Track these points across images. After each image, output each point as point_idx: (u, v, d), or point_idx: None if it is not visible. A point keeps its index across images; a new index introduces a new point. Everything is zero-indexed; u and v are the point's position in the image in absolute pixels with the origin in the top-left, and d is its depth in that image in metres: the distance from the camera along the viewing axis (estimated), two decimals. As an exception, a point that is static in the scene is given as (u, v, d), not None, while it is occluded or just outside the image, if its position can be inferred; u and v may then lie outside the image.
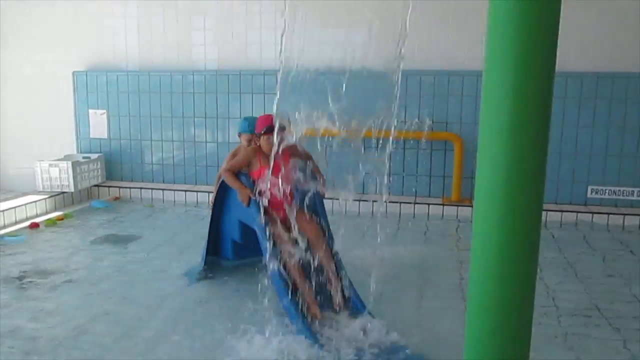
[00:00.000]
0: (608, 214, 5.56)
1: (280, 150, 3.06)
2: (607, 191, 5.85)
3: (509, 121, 1.26)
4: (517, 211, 1.26)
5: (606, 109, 5.69)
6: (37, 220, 5.43)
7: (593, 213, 5.59)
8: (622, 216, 5.52)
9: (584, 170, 5.84)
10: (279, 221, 3.47)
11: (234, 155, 4.10)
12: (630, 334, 3.13)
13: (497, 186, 1.28)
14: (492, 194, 1.28)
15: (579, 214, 5.61)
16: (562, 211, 5.61)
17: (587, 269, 4.21)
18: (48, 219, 5.46)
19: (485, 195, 1.30)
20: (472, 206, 5.20)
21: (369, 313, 3.14)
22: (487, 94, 1.29)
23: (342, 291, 3.24)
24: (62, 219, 5.54)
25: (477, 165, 1.32)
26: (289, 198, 3.51)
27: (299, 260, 3.20)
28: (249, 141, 4.08)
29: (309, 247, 3.30)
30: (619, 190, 5.81)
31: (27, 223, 5.31)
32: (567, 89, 5.64)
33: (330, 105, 3.58)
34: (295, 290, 3.12)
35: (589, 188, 5.87)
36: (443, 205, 5.85)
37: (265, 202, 3.38)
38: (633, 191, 5.77)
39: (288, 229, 3.33)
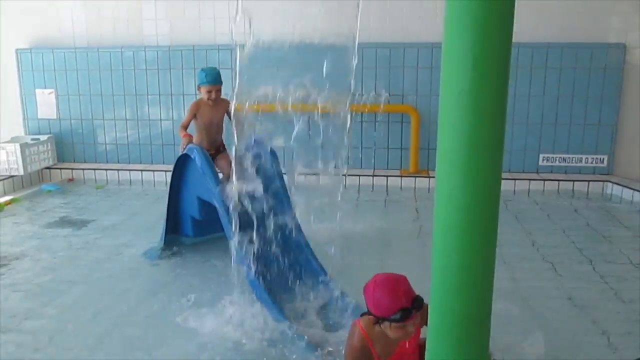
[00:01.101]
0: (558, 180, 5.76)
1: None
2: (557, 159, 6.05)
3: (468, 87, 1.28)
4: (478, 174, 1.29)
5: (556, 79, 5.86)
6: (-14, 205, 5.23)
7: (544, 180, 5.78)
8: (572, 182, 5.74)
9: (536, 139, 6.02)
10: None
11: (193, 108, 4.15)
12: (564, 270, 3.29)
13: (458, 151, 1.30)
14: (453, 158, 1.31)
15: (532, 181, 5.79)
16: (515, 179, 5.78)
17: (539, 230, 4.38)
18: (-4, 204, 5.26)
19: (446, 159, 1.32)
20: (429, 177, 5.34)
21: (331, 281, 3.18)
22: (447, 61, 1.31)
23: None
24: (9, 204, 5.35)
25: (438, 131, 1.34)
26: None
27: None
28: (209, 92, 4.03)
29: None
30: (569, 158, 6.02)
31: (-25, 209, 5.12)
32: (518, 60, 5.76)
33: (287, 79, 3.57)
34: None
35: (541, 156, 6.06)
36: (401, 177, 5.94)
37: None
38: (581, 158, 5.99)
39: None
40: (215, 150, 4.21)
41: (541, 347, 2.64)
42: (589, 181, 5.73)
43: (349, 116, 3.82)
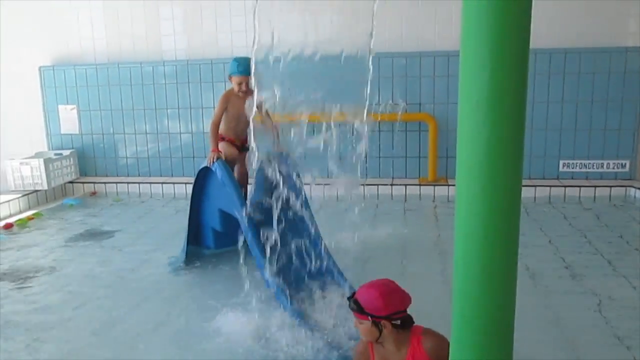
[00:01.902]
0: (579, 186, 5.70)
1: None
2: (577, 164, 5.99)
3: (486, 95, 1.28)
4: (498, 182, 1.29)
5: (574, 85, 5.81)
6: (9, 220, 5.32)
7: (565, 187, 5.72)
8: (593, 188, 5.67)
9: (555, 145, 5.96)
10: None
11: (223, 100, 3.97)
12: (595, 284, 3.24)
13: (478, 159, 1.31)
14: (473, 166, 1.32)
15: (552, 187, 5.73)
16: (535, 186, 5.73)
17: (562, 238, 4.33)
18: (18, 220, 5.34)
19: (466, 168, 1.33)
20: (448, 185, 5.33)
21: (350, 287, 3.19)
22: (465, 70, 1.32)
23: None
24: (32, 219, 5.43)
25: (457, 140, 1.35)
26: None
27: None
28: (240, 84, 3.84)
29: None
30: (589, 164, 5.96)
31: (1, 224, 5.21)
32: (536, 66, 5.73)
33: (305, 90, 3.60)
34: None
35: (561, 162, 6.00)
36: (420, 185, 5.93)
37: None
38: (602, 163, 5.92)
39: None
40: (241, 143, 4.04)
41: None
42: (611, 186, 5.66)
43: (366, 125, 3.85)
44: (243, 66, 3.78)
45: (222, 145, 3.91)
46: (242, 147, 4.04)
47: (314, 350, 2.70)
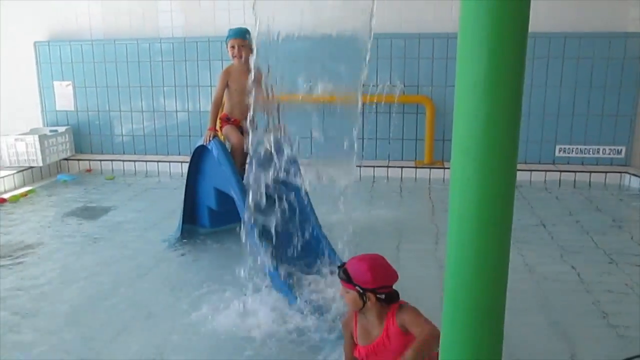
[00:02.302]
0: (575, 171, 5.71)
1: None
2: (574, 150, 5.99)
3: (484, 78, 1.28)
4: (493, 164, 1.29)
5: (573, 70, 5.79)
6: (2, 196, 5.31)
7: (561, 171, 5.74)
8: (589, 174, 5.68)
9: (552, 130, 5.96)
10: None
11: (224, 75, 3.89)
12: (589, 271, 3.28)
13: (473, 141, 1.30)
14: (468, 148, 1.31)
15: (548, 172, 5.75)
16: (531, 170, 5.74)
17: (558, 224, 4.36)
18: (12, 196, 5.32)
19: (462, 150, 1.33)
20: (444, 168, 5.33)
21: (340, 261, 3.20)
22: (462, 52, 1.31)
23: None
24: (25, 195, 5.41)
25: (453, 122, 1.34)
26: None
27: None
28: (233, 47, 3.79)
29: None
30: (586, 149, 5.97)
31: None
32: (535, 50, 5.70)
33: (303, 70, 3.58)
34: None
35: (557, 147, 6.01)
36: (416, 168, 5.93)
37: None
38: (598, 149, 5.93)
39: None
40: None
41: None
42: (606, 172, 5.67)
43: (361, 107, 3.83)
44: (236, 29, 3.79)
45: (227, 130, 3.85)
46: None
47: (306, 329, 2.72)
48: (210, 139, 3.70)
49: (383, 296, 2.15)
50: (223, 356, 2.58)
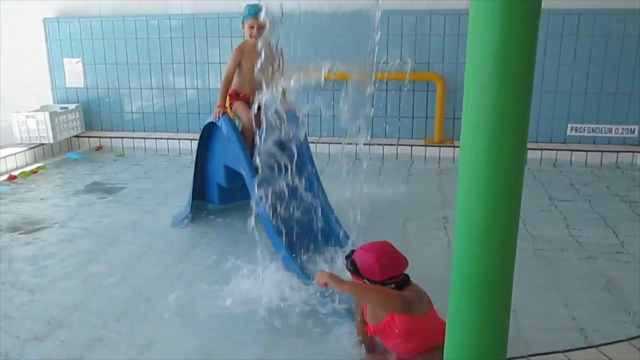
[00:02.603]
0: (586, 151, 5.66)
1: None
2: (586, 129, 5.93)
3: (495, 53, 1.26)
4: (503, 139, 1.29)
5: (587, 47, 5.70)
6: (14, 172, 5.35)
7: (572, 150, 5.68)
8: (600, 153, 5.62)
9: (564, 109, 5.90)
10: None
11: (237, 52, 3.82)
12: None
13: (483, 116, 1.30)
14: (478, 123, 1.30)
15: (559, 151, 5.69)
16: (542, 149, 5.69)
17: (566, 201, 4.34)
18: (22, 172, 5.36)
19: (471, 124, 1.32)
20: (454, 146, 5.29)
21: (346, 235, 3.22)
22: (474, 27, 1.29)
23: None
24: (35, 172, 5.45)
25: (464, 96, 1.33)
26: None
27: None
28: (252, 28, 3.70)
29: None
30: (598, 128, 5.90)
31: (5, 176, 5.24)
32: (548, 27, 5.61)
33: (311, 47, 3.55)
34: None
35: (569, 126, 5.95)
36: (425, 146, 5.90)
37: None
38: (611, 128, 5.87)
39: None
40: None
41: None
42: (618, 152, 5.61)
43: (372, 84, 3.80)
44: (255, 8, 3.68)
45: (237, 106, 3.80)
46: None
47: (316, 304, 2.75)
48: (220, 115, 3.70)
49: (393, 285, 2.13)
50: (231, 328, 2.62)
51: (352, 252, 2.23)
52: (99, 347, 2.52)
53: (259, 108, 3.53)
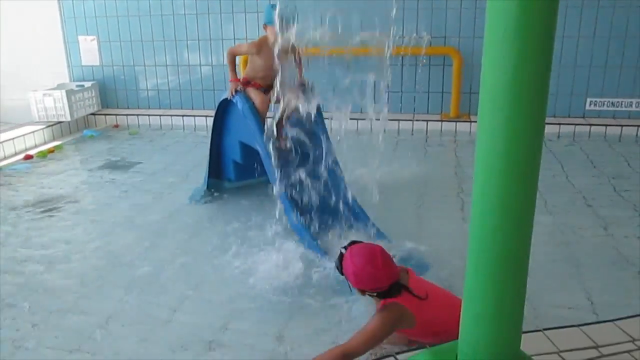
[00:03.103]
0: (605, 125, 5.57)
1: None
2: (605, 103, 5.83)
3: (514, 24, 1.24)
4: (521, 113, 1.27)
5: (608, 19, 5.56)
6: (30, 152, 5.41)
7: (591, 125, 5.60)
8: (620, 127, 5.54)
9: (584, 82, 5.79)
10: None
11: (255, 46, 3.73)
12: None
13: (501, 90, 1.28)
14: (496, 97, 1.29)
15: (577, 126, 5.62)
16: (560, 124, 5.62)
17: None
18: (39, 152, 5.41)
19: (489, 99, 1.30)
20: (470, 121, 5.23)
21: (373, 224, 3.23)
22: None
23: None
24: (52, 151, 5.50)
25: (482, 70, 1.32)
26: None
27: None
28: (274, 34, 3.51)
29: None
30: (618, 102, 5.80)
31: (22, 155, 5.29)
32: (568, -2, 5.48)
33: (327, 21, 3.52)
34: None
35: (588, 100, 5.85)
36: (442, 121, 5.86)
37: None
38: (631, 102, 5.76)
39: None
40: (267, 87, 3.80)
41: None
42: (638, 126, 5.52)
43: (388, 59, 3.76)
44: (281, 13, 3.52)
45: (250, 91, 3.74)
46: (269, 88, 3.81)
47: (334, 281, 2.77)
48: (235, 92, 3.70)
49: (374, 294, 2.11)
50: (246, 303, 2.66)
51: (347, 247, 2.17)
52: (115, 321, 2.58)
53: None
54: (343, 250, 2.15)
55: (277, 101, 3.40)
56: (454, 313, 1.81)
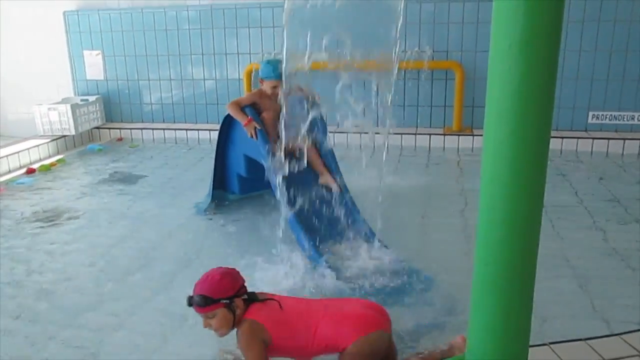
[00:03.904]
0: (608, 139, 5.58)
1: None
2: (607, 116, 5.85)
3: (519, 39, 1.26)
4: (527, 127, 1.28)
5: (609, 33, 5.60)
6: (32, 166, 5.40)
7: (593, 139, 5.61)
8: (622, 141, 5.54)
9: (585, 96, 5.81)
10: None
11: (254, 97, 3.82)
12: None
13: (507, 103, 1.30)
14: (502, 110, 1.31)
15: (580, 140, 5.62)
16: (562, 137, 5.63)
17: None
18: (41, 165, 5.39)
19: (495, 112, 1.32)
20: (473, 135, 5.24)
21: (379, 241, 3.23)
22: (498, 12, 1.29)
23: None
24: (55, 165, 5.48)
25: (487, 83, 1.33)
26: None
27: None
28: (274, 88, 3.68)
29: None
30: (620, 115, 5.81)
31: (24, 169, 5.26)
32: (569, 13, 5.52)
33: (330, 36, 3.55)
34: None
35: (590, 114, 5.87)
36: (444, 135, 5.87)
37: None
38: (634, 116, 5.77)
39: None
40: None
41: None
42: (640, 139, 5.53)
43: (394, 73, 3.79)
44: (277, 69, 3.64)
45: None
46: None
47: (335, 290, 2.77)
48: (255, 131, 3.62)
49: (245, 296, 2.10)
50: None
51: (191, 296, 2.11)
52: (112, 334, 2.57)
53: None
54: (189, 298, 2.09)
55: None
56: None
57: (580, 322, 2.53)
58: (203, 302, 2.04)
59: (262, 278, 2.93)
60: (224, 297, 2.04)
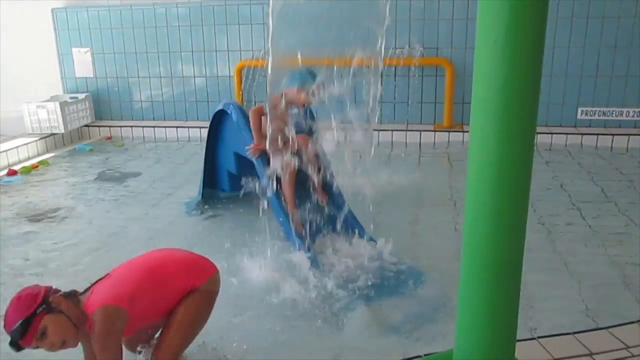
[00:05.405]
0: (597, 134, 5.62)
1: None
2: (596, 112, 5.88)
3: (504, 35, 1.26)
4: (512, 122, 1.29)
5: (598, 29, 5.64)
6: (25, 164, 5.36)
7: (582, 134, 5.65)
8: (611, 136, 5.58)
9: (575, 92, 5.85)
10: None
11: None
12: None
13: (492, 99, 1.30)
14: (487, 106, 1.31)
15: (569, 135, 5.66)
16: (551, 133, 5.66)
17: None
18: (23, 167, 5.27)
19: (481, 108, 1.32)
20: (463, 131, 5.25)
21: (371, 238, 3.24)
22: (483, 8, 1.30)
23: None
24: (36, 167, 5.36)
25: (473, 80, 1.34)
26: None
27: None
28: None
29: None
30: (609, 111, 5.85)
31: (5, 171, 5.15)
32: (558, 9, 5.55)
33: (319, 33, 3.54)
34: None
35: (579, 110, 5.91)
36: (435, 131, 5.89)
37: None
38: (622, 111, 5.82)
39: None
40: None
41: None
42: (629, 135, 5.57)
43: (381, 70, 3.79)
44: (305, 79, 3.43)
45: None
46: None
47: (327, 293, 2.77)
48: (257, 156, 3.50)
49: (62, 292, 1.92)
50: (241, 311, 2.65)
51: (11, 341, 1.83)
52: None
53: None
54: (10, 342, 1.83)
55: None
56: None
57: (568, 316, 2.54)
58: (21, 327, 1.76)
59: (250, 277, 2.93)
60: (35, 307, 1.79)
